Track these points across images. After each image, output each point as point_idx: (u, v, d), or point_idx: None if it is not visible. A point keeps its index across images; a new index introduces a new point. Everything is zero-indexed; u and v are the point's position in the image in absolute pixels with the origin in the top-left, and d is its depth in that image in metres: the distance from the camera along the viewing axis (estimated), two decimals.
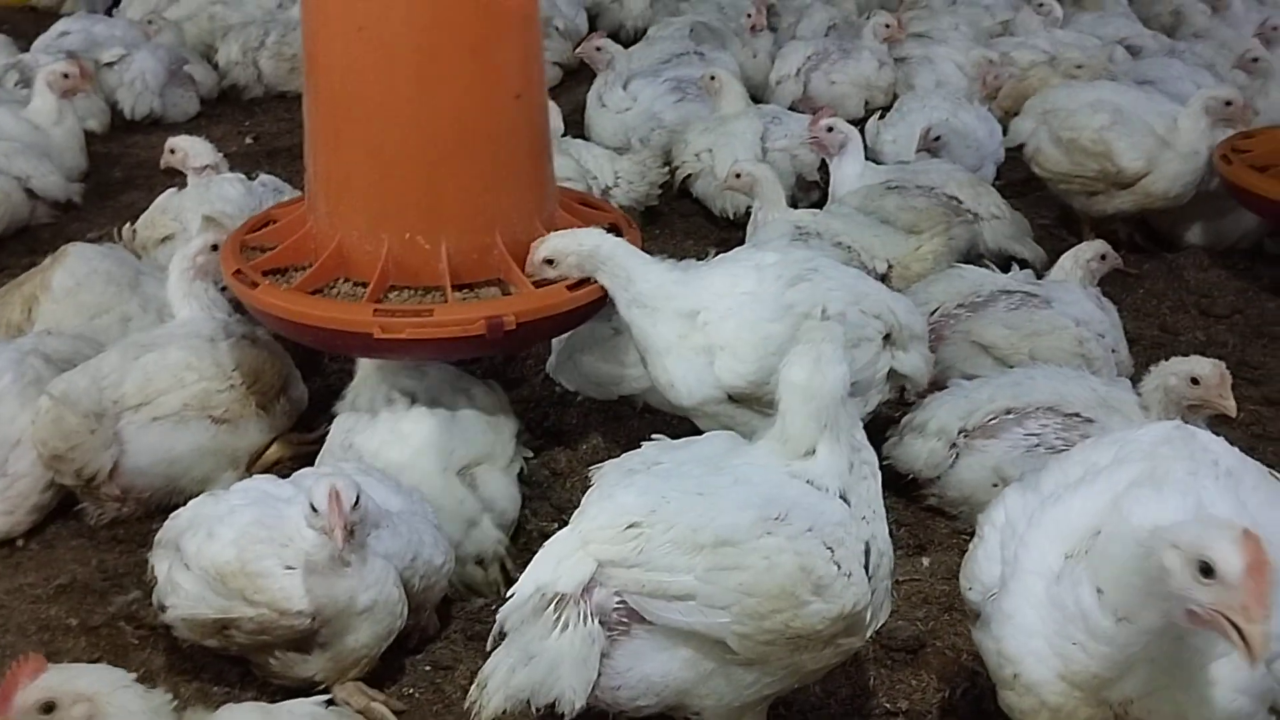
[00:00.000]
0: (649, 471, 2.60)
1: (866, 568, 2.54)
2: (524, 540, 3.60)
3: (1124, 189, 5.30)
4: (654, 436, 2.77)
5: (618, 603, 2.44)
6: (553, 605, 2.40)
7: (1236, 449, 2.57)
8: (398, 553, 2.92)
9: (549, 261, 3.31)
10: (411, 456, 3.31)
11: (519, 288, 3.32)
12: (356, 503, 2.71)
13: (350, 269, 3.38)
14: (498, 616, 2.47)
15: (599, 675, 2.42)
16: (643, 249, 5.42)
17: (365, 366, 3.52)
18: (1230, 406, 3.25)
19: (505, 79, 3.35)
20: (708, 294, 3.34)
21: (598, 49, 6.25)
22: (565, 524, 3.09)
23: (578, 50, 6.62)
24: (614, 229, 3.79)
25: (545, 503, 3.76)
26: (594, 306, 3.45)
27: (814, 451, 2.60)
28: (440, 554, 3.06)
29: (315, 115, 3.44)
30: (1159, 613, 2.08)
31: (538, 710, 2.44)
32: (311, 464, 3.52)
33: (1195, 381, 3.29)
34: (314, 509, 2.70)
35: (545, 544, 2.53)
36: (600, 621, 2.42)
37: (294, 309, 3.27)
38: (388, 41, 3.20)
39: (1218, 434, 3.35)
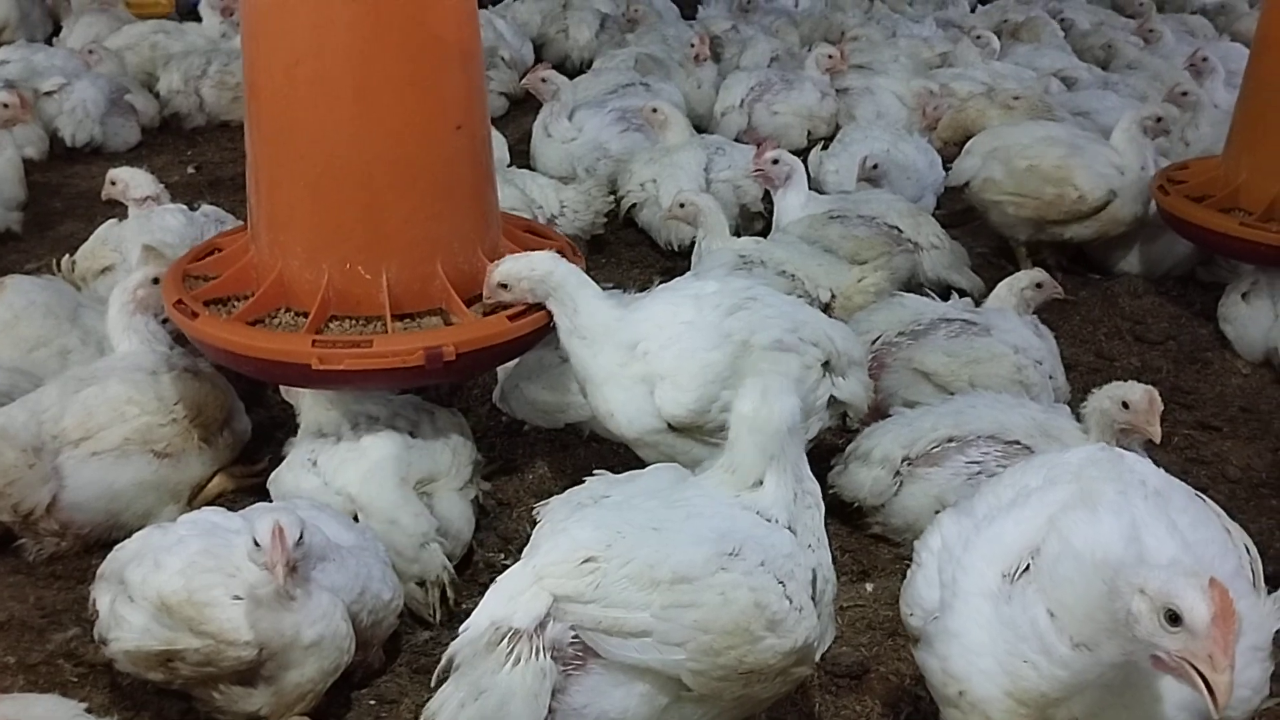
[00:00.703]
0: (599, 506, 2.61)
1: (814, 597, 2.58)
2: (470, 570, 3.59)
3: (1084, 219, 5.41)
4: (597, 471, 2.78)
5: (572, 638, 2.43)
6: (506, 640, 2.38)
7: (1162, 470, 2.64)
8: (346, 587, 2.90)
9: (503, 285, 3.33)
10: (370, 468, 3.31)
11: (460, 317, 3.33)
12: (300, 539, 2.70)
13: (292, 299, 3.37)
14: (448, 650, 2.45)
15: (553, 711, 2.41)
16: (590, 278, 5.55)
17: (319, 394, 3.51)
18: (1155, 433, 3.32)
19: (446, 111, 3.37)
20: (647, 324, 3.37)
21: (543, 80, 6.29)
22: (512, 554, 3.11)
23: (523, 81, 6.65)
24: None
25: (492, 533, 3.76)
26: (536, 335, 3.47)
27: (761, 482, 2.63)
28: (389, 589, 3.05)
29: (256, 146, 3.45)
30: (1120, 650, 2.12)
31: None
32: (256, 497, 3.50)
33: (1126, 405, 3.36)
34: (256, 544, 2.69)
35: (499, 579, 2.52)
36: (554, 657, 2.41)
37: (232, 339, 3.26)
38: (326, 74, 3.22)
39: (1154, 460, 3.46)
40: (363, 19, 3.23)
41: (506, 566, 3.22)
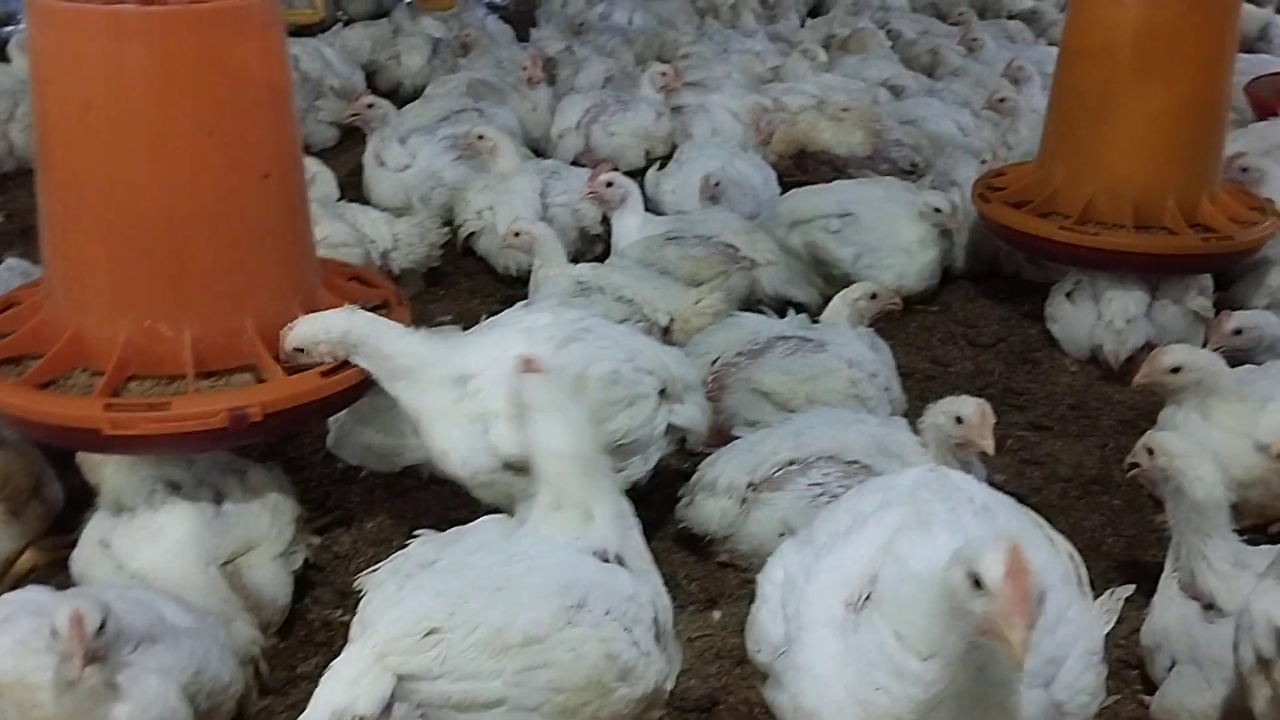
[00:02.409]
0: (433, 571, 2.50)
1: (657, 636, 2.54)
2: (304, 631, 3.44)
3: None
4: (418, 532, 2.68)
5: (419, 717, 2.32)
6: None
7: (985, 485, 2.69)
8: (179, 667, 2.74)
9: (299, 350, 3.20)
10: (166, 553, 3.12)
11: (271, 374, 3.18)
12: (103, 626, 2.53)
13: (89, 358, 3.19)
14: None
15: None
16: (428, 309, 5.44)
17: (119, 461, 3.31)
18: (989, 446, 3.37)
19: (252, 157, 3.23)
20: (477, 359, 3.28)
21: (368, 106, 6.12)
22: (349, 609, 2.98)
23: (347, 112, 6.46)
24: (383, 305, 3.71)
25: (328, 588, 3.60)
26: (355, 391, 3.35)
27: (591, 515, 2.57)
28: (228, 672, 2.90)
29: (48, 196, 3.25)
30: (959, 636, 2.11)
31: None
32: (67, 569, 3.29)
33: (959, 420, 3.41)
34: (55, 632, 2.51)
35: (335, 663, 2.38)
36: None
37: (17, 403, 3.07)
38: (118, 120, 3.04)
39: (990, 464, 3.53)
40: (158, 60, 3.07)
41: (344, 623, 3.12)
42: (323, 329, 3.20)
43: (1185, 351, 3.90)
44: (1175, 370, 3.82)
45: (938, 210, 5.43)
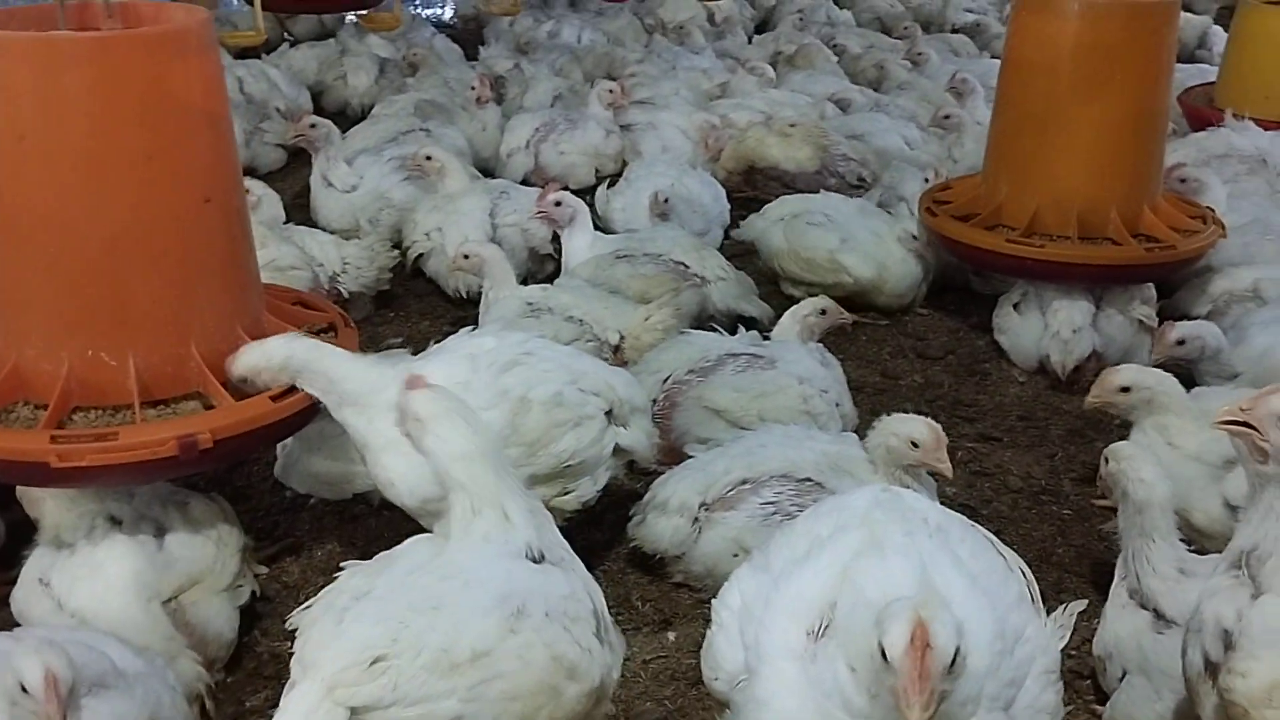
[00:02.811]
0: (368, 599, 2.46)
1: (596, 633, 2.54)
2: (253, 664, 3.39)
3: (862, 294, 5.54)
4: (344, 565, 2.64)
5: None
6: None
7: (936, 504, 2.68)
8: (131, 713, 2.67)
9: (243, 379, 3.15)
10: (106, 591, 3.04)
11: (220, 400, 3.13)
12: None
13: (30, 391, 3.11)
14: None
15: None
16: (378, 332, 5.39)
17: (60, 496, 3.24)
18: (946, 469, 3.40)
19: (192, 182, 3.17)
20: None
21: (311, 126, 6.06)
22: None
23: (290, 134, 6.39)
24: (329, 329, 3.67)
25: (277, 620, 3.54)
26: (305, 414, 3.30)
27: (507, 515, 2.58)
28: (179, 716, 2.84)
29: None
30: (887, 690, 2.08)
31: None
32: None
33: (915, 444, 3.42)
34: (24, 689, 2.43)
35: (285, 701, 2.35)
36: None
37: None
38: (53, 150, 2.98)
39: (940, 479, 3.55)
40: (94, 86, 3.00)
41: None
42: (263, 357, 3.16)
43: (1134, 371, 3.94)
44: (1125, 390, 3.86)
45: (914, 238, 5.52)
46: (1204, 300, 5.17)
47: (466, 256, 4.96)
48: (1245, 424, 2.50)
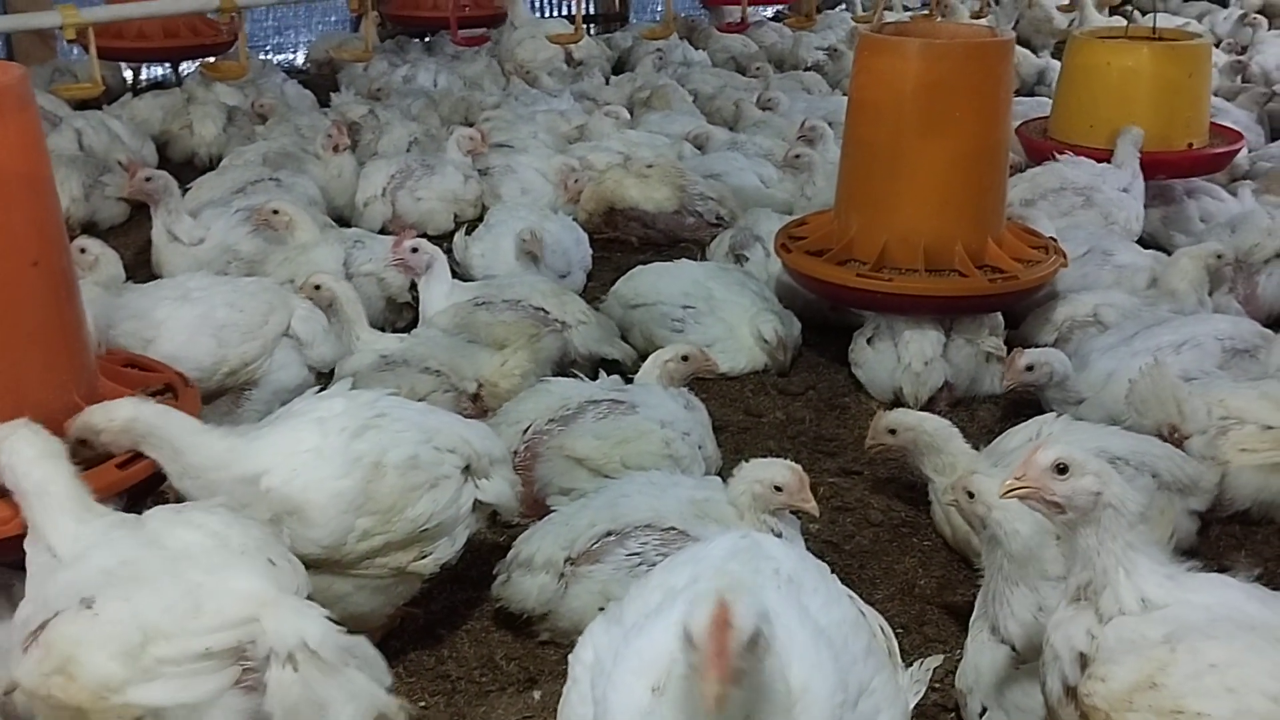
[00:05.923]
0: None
1: None
2: None
3: None
4: None
5: None
6: None
7: (796, 550, 2.67)
8: None
9: (83, 442, 3.00)
10: None
11: None
12: None
13: None
14: None
15: None
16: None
17: None
18: (812, 508, 3.44)
19: (16, 246, 3.04)
20: (269, 455, 3.13)
21: (147, 179, 5.82)
22: None
23: (125, 187, 6.12)
24: (168, 389, 3.52)
25: None
26: (154, 482, 3.16)
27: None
28: None
29: None
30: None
31: None
32: None
33: (778, 488, 3.43)
34: None
35: None
36: None
37: None
38: None
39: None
40: None
41: None
42: (105, 417, 3.04)
43: (899, 413, 4.13)
44: (892, 432, 4.04)
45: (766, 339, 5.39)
46: (1049, 328, 5.34)
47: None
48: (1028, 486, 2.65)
